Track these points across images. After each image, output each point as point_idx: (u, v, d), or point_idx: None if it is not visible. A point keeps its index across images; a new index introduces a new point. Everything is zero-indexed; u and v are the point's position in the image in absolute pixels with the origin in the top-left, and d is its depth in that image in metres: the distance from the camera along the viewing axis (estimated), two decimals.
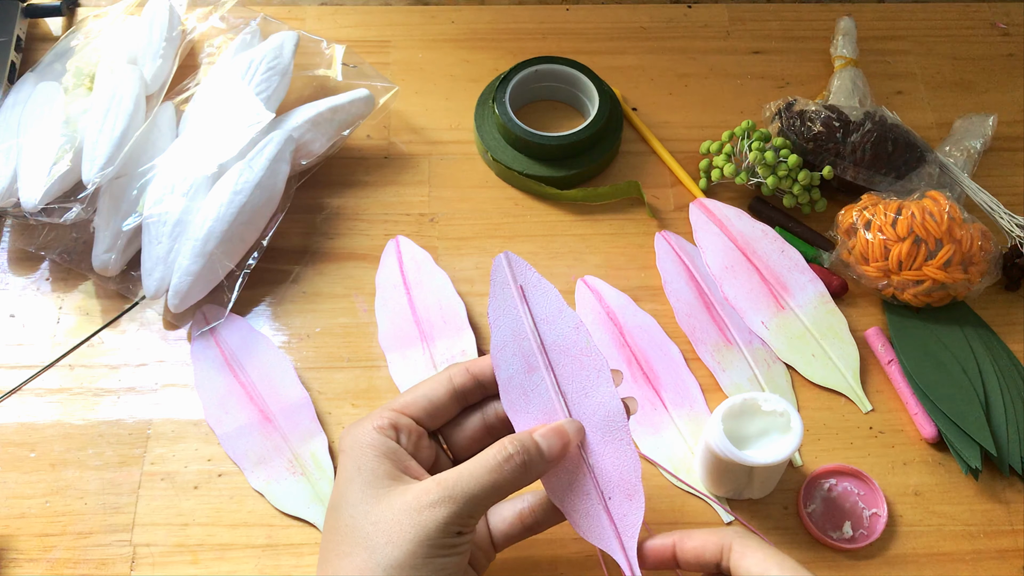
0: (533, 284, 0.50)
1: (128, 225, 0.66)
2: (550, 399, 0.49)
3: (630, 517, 0.48)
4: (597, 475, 0.48)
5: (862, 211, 0.67)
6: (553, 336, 0.50)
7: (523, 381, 0.49)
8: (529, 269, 0.51)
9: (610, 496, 0.48)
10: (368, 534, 0.44)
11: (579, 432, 0.48)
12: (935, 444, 0.63)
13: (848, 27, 0.81)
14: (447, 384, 0.50)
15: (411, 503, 0.44)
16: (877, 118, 0.71)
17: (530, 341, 0.50)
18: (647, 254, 0.71)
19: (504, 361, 0.49)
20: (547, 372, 0.49)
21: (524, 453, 0.46)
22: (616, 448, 0.48)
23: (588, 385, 0.49)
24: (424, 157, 0.76)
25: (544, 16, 0.84)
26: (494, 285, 0.50)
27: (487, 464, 0.45)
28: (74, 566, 0.58)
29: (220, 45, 0.76)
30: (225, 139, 0.68)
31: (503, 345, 0.50)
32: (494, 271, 0.51)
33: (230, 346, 0.66)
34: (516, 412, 0.49)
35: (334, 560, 0.45)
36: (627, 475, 0.48)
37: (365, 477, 0.46)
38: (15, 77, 0.76)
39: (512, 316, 0.50)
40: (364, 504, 0.45)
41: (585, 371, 0.49)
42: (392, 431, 0.48)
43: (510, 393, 0.49)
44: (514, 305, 0.50)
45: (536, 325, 0.50)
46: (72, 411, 0.63)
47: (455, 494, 0.44)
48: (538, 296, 0.50)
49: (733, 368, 0.66)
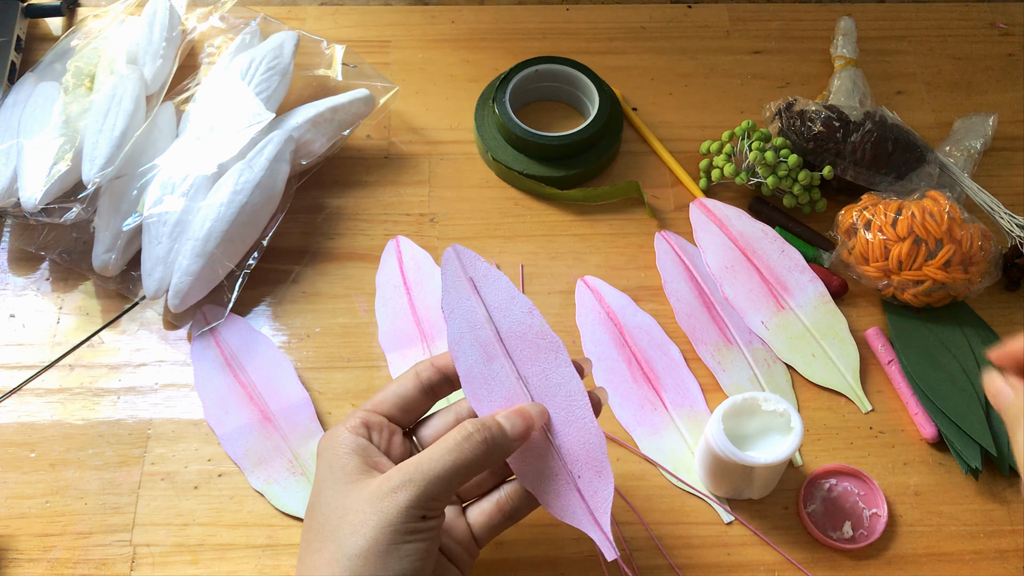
0: (483, 274, 0.51)
1: (128, 225, 0.66)
2: (512, 385, 0.50)
3: (600, 493, 0.48)
4: (564, 455, 0.49)
5: (862, 211, 0.67)
6: (508, 323, 0.50)
7: (483, 370, 0.50)
8: (478, 260, 0.51)
9: (579, 475, 0.48)
10: (335, 527, 0.45)
11: (542, 415, 0.49)
12: (935, 444, 0.63)
13: (848, 27, 0.81)
14: (414, 379, 0.51)
15: (374, 492, 0.45)
16: (877, 118, 0.71)
17: (486, 330, 0.50)
18: (647, 254, 0.71)
19: (462, 353, 0.50)
20: (506, 359, 0.50)
21: (485, 431, 0.46)
22: (580, 427, 0.49)
23: (547, 367, 0.50)
24: (424, 157, 0.76)
25: (544, 16, 0.84)
26: (444, 279, 0.51)
27: (447, 445, 0.46)
28: (74, 566, 0.58)
29: (220, 45, 0.76)
30: (225, 139, 0.68)
31: (460, 337, 0.50)
32: (444, 265, 0.51)
33: (230, 346, 0.66)
34: (479, 401, 0.50)
35: (307, 557, 0.46)
36: (593, 452, 0.48)
37: (335, 475, 0.46)
38: (15, 77, 0.76)
39: (466, 308, 0.51)
40: (333, 500, 0.46)
41: (543, 353, 0.50)
42: (364, 429, 0.48)
43: (472, 383, 0.50)
44: (467, 297, 0.51)
45: (490, 314, 0.50)
46: (72, 411, 0.63)
47: (415, 477, 0.45)
48: (489, 285, 0.51)
49: (733, 368, 0.66)
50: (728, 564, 0.59)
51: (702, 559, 0.59)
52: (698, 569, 0.59)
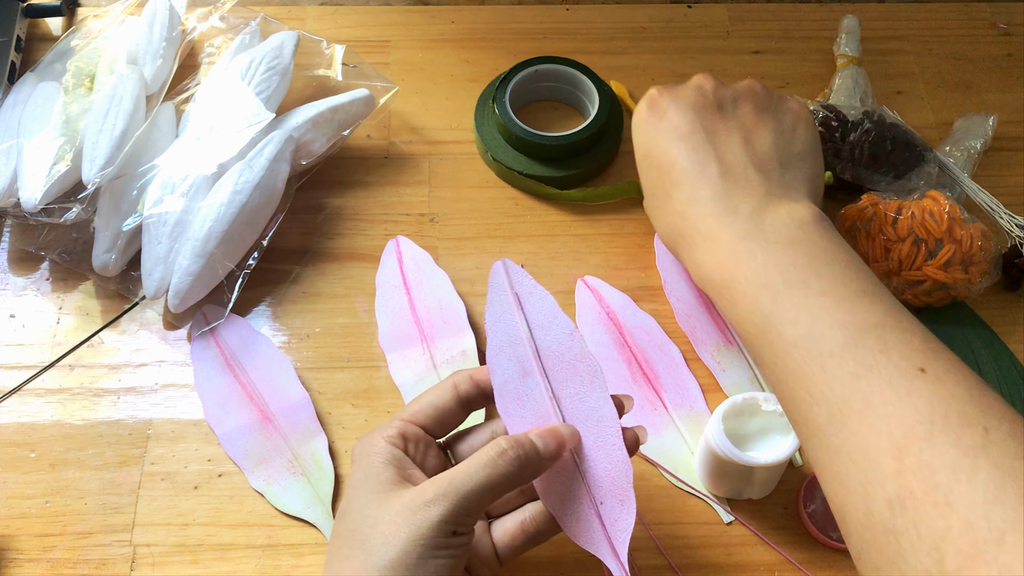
0: (528, 291, 0.51)
1: (128, 225, 0.66)
2: (544, 404, 0.50)
3: (621, 522, 0.48)
4: (589, 480, 0.49)
5: (862, 211, 0.67)
6: (548, 342, 0.50)
7: (518, 386, 0.50)
8: (526, 276, 0.51)
9: (602, 501, 0.48)
10: (366, 536, 0.45)
11: (574, 436, 0.49)
12: None
13: (851, 25, 0.81)
14: (452, 391, 0.50)
15: (407, 504, 0.45)
16: (876, 117, 0.71)
17: (525, 347, 0.50)
18: (647, 254, 0.71)
19: (500, 366, 0.50)
20: (542, 378, 0.50)
21: (519, 448, 0.46)
22: (608, 453, 0.49)
23: (582, 390, 0.50)
24: (424, 157, 0.76)
25: (544, 16, 0.84)
26: (491, 291, 0.51)
27: (481, 460, 0.46)
28: (74, 566, 0.58)
29: (220, 45, 0.76)
30: (225, 139, 0.68)
31: (499, 350, 0.50)
32: (492, 278, 0.51)
33: (230, 346, 0.66)
34: (511, 416, 0.50)
35: (335, 563, 0.46)
36: (619, 480, 0.48)
37: (370, 483, 0.46)
38: (15, 77, 0.76)
39: (508, 322, 0.51)
40: (365, 508, 0.46)
41: (579, 376, 0.50)
42: (400, 440, 0.48)
43: (505, 397, 0.50)
44: (510, 312, 0.51)
45: (531, 331, 0.50)
46: (72, 411, 0.63)
47: (449, 492, 0.44)
48: (533, 303, 0.51)
49: (733, 368, 0.66)
50: (728, 564, 0.59)
51: (702, 559, 0.59)
52: (698, 569, 0.59)
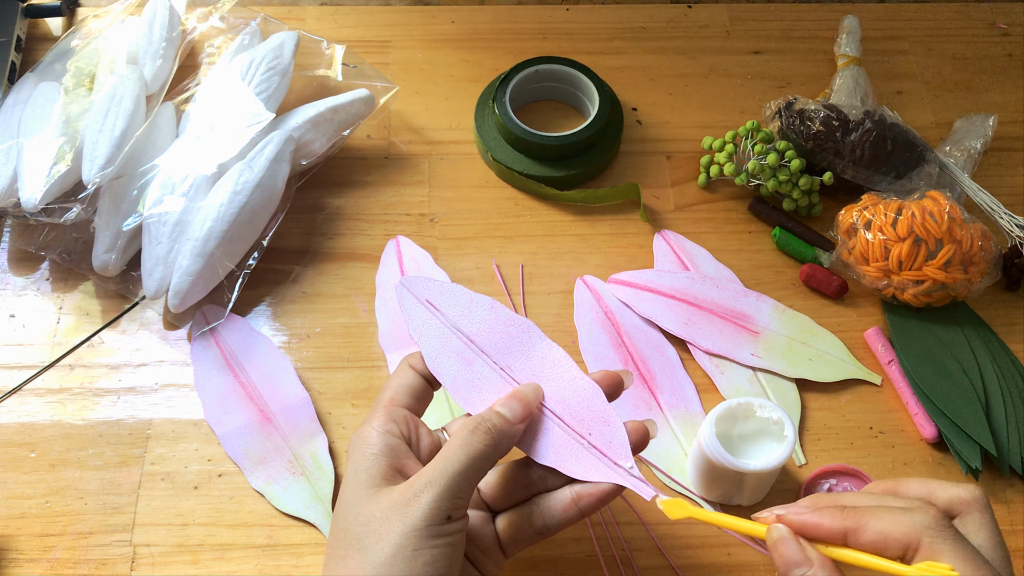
0: (437, 292, 0.52)
1: (128, 225, 0.66)
2: (497, 379, 0.50)
3: (615, 440, 0.48)
4: (568, 421, 0.49)
5: (862, 211, 0.67)
6: (473, 326, 0.51)
7: (467, 376, 0.51)
8: (427, 281, 0.52)
9: (589, 432, 0.49)
10: (360, 535, 0.45)
11: (537, 392, 0.49)
12: (935, 444, 0.63)
13: (852, 25, 0.81)
14: (411, 369, 0.51)
15: (396, 499, 0.45)
16: (876, 117, 0.71)
17: (457, 341, 0.51)
18: (647, 254, 0.71)
19: (443, 368, 0.51)
20: (484, 358, 0.51)
21: (486, 422, 0.47)
22: (573, 387, 0.50)
23: (524, 348, 0.51)
24: (424, 157, 0.76)
25: (544, 16, 0.84)
26: (404, 310, 0.52)
27: (456, 443, 0.46)
28: (74, 566, 0.58)
29: (220, 45, 0.76)
30: (225, 139, 0.68)
31: (436, 355, 0.51)
32: (399, 298, 0.52)
33: (230, 346, 0.66)
34: (473, 404, 0.50)
35: (332, 565, 0.46)
36: (593, 405, 0.49)
37: (361, 479, 0.46)
38: (15, 77, 0.76)
39: (432, 328, 0.51)
40: (357, 506, 0.46)
41: (515, 339, 0.51)
42: (392, 425, 0.48)
43: (460, 391, 0.50)
44: (429, 318, 0.52)
45: (456, 325, 0.51)
46: (72, 411, 0.63)
47: (435, 478, 0.45)
48: (446, 300, 0.52)
49: (731, 370, 0.66)
50: (728, 564, 0.59)
51: (702, 559, 0.59)
52: (698, 569, 0.59)
